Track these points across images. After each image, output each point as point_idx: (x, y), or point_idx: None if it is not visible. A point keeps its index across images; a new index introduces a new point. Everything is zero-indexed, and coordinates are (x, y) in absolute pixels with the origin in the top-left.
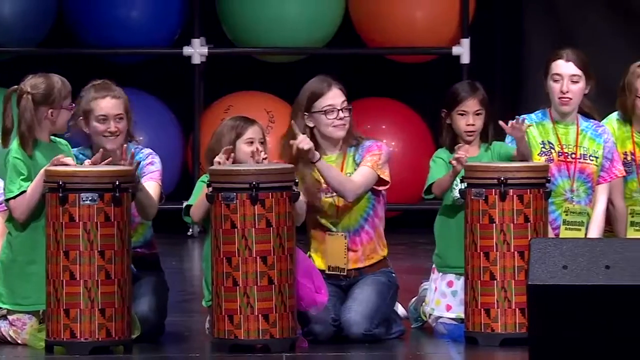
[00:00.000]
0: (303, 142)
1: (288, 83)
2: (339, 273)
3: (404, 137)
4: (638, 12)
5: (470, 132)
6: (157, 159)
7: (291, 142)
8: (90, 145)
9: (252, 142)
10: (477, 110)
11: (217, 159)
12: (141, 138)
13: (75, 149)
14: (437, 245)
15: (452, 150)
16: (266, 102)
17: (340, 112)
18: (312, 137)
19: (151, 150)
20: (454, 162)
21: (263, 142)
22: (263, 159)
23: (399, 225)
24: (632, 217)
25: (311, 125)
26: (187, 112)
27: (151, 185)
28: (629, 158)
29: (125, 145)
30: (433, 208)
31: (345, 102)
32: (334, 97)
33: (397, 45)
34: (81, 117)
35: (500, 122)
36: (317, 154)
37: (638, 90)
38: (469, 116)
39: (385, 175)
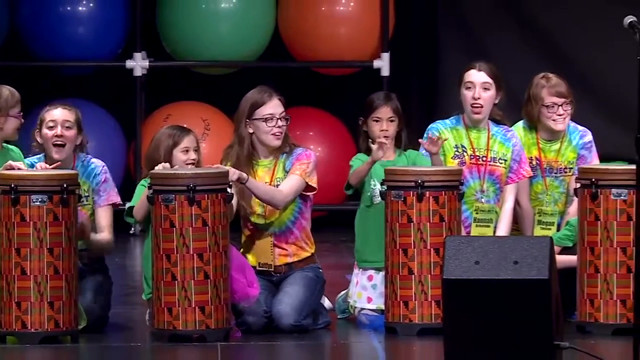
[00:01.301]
0: (231, 174)
1: (222, 94)
2: (267, 269)
3: (328, 143)
4: (546, 28)
5: (384, 137)
6: (108, 174)
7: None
8: (44, 154)
9: (187, 151)
10: (391, 117)
11: (158, 167)
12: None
13: (31, 157)
14: (357, 242)
15: (368, 154)
16: (202, 111)
17: (279, 121)
18: (251, 143)
19: (102, 163)
20: (374, 146)
21: (197, 150)
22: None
23: (324, 225)
24: (539, 216)
25: (251, 131)
26: (129, 121)
27: (104, 215)
28: (534, 163)
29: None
30: (355, 208)
31: (284, 113)
32: (274, 107)
33: (323, 58)
34: (37, 129)
35: (420, 140)
36: (245, 176)
37: (543, 100)
38: (382, 122)
39: (313, 183)
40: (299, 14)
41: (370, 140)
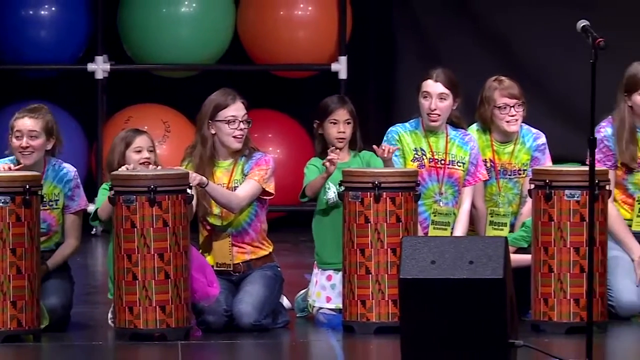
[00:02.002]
0: (192, 179)
1: (182, 96)
2: (226, 269)
3: (287, 146)
4: (500, 31)
5: (341, 139)
6: (79, 180)
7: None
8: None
9: (140, 151)
10: (347, 119)
11: (122, 169)
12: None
13: (3, 159)
14: (316, 244)
15: (323, 157)
16: (163, 113)
17: (241, 123)
18: (213, 144)
19: (74, 169)
20: (327, 163)
21: (152, 151)
22: (148, 164)
23: (283, 225)
24: (492, 217)
25: (213, 132)
26: (90, 123)
27: (74, 221)
28: (488, 165)
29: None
30: (313, 209)
31: (246, 116)
32: (237, 109)
33: (281, 62)
34: (10, 134)
35: (374, 146)
36: (205, 180)
37: (495, 101)
38: (339, 124)
39: (270, 188)
40: (258, 17)
41: (327, 145)
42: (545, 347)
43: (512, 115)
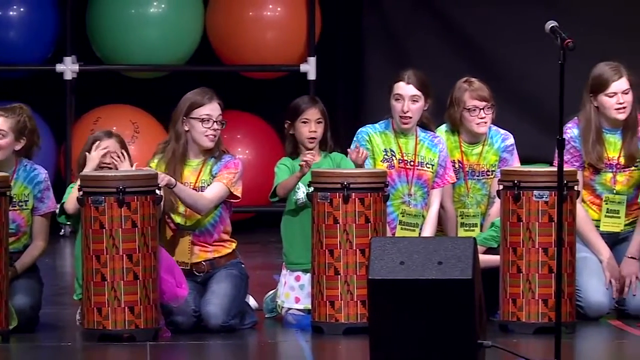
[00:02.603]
0: (160, 179)
1: (151, 97)
2: (184, 268)
3: (256, 146)
4: (468, 31)
5: (312, 138)
6: (49, 182)
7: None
8: None
9: (104, 155)
10: (318, 119)
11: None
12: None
13: None
14: (284, 244)
15: (293, 158)
16: (131, 114)
17: (215, 123)
18: (186, 141)
19: (45, 171)
20: (302, 163)
21: (119, 156)
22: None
23: (252, 226)
24: (462, 218)
25: (186, 129)
26: (59, 124)
27: (43, 223)
28: (456, 166)
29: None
30: (282, 210)
31: (221, 117)
32: (213, 109)
33: (250, 62)
34: None
35: (348, 150)
36: (174, 181)
37: (465, 103)
38: (311, 124)
39: (238, 192)
40: (227, 18)
41: (298, 146)
42: (514, 347)
43: (482, 118)
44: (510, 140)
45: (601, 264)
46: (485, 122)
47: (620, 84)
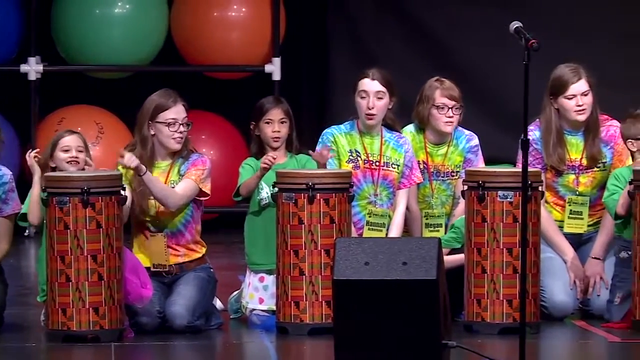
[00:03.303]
0: (129, 160)
1: (116, 97)
2: (162, 270)
3: (221, 147)
4: (433, 32)
5: (276, 138)
6: (14, 183)
7: (119, 160)
8: None
9: (68, 150)
10: (282, 119)
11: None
12: None
13: None
14: (246, 244)
15: (258, 158)
16: (96, 114)
17: (181, 126)
18: (152, 145)
19: (10, 172)
20: (265, 161)
21: (82, 151)
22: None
23: (216, 226)
24: (427, 219)
25: (152, 133)
26: (23, 124)
27: (7, 224)
28: (421, 167)
29: None
30: (247, 210)
31: (186, 118)
32: (178, 112)
33: (215, 63)
34: None
35: (310, 152)
36: (144, 168)
37: (434, 100)
38: (274, 124)
39: (207, 189)
40: (191, 18)
41: (263, 146)
42: (478, 347)
43: (449, 117)
44: (475, 141)
45: (565, 265)
46: (452, 122)
47: (579, 86)
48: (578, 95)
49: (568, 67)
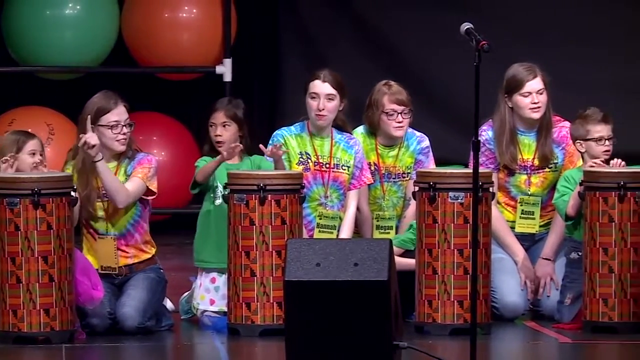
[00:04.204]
0: (91, 137)
1: (66, 99)
2: (111, 272)
3: (172, 148)
4: (384, 33)
5: (219, 142)
6: None
7: (81, 135)
8: None
9: (34, 154)
10: (224, 122)
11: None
12: None
13: None
14: (196, 241)
15: (213, 156)
16: (46, 116)
17: (124, 127)
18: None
19: None
20: (225, 151)
21: (42, 154)
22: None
23: (168, 228)
24: (378, 221)
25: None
26: None
27: None
28: (372, 168)
29: None
30: (198, 212)
31: (128, 119)
32: (120, 114)
33: (166, 64)
34: None
35: (260, 145)
36: (101, 154)
37: (384, 106)
38: (216, 127)
39: (153, 187)
40: (142, 20)
41: (210, 146)
42: (429, 348)
43: (399, 122)
44: (426, 142)
45: (516, 266)
46: (403, 127)
47: (535, 84)
48: (534, 93)
49: (523, 66)
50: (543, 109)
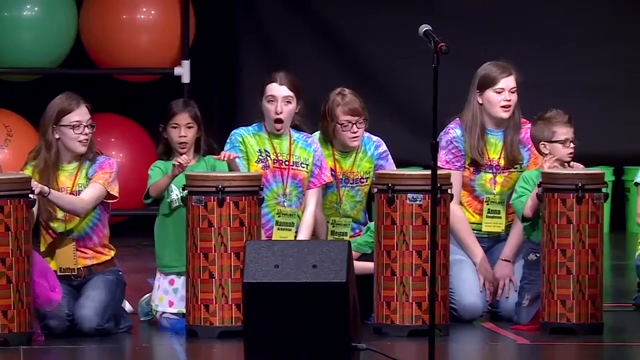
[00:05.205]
0: (34, 187)
1: (24, 100)
2: (69, 274)
3: (130, 150)
4: (342, 35)
5: (182, 143)
6: None
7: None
8: None
9: None
10: (188, 124)
11: None
12: None
13: None
14: (156, 246)
15: (166, 160)
16: (4, 117)
17: (86, 128)
18: (57, 149)
19: None
20: (175, 163)
21: None
22: None
23: (126, 229)
24: (333, 227)
25: (57, 137)
26: None
27: None
28: (329, 173)
29: None
30: (156, 214)
31: (90, 120)
32: (82, 114)
33: (124, 65)
34: None
35: (214, 157)
36: (47, 190)
37: (338, 118)
38: (180, 128)
39: (114, 192)
40: (100, 21)
41: (171, 149)
42: (388, 350)
43: (354, 132)
44: (383, 147)
45: (475, 267)
46: (358, 136)
47: (509, 81)
48: (506, 90)
49: (497, 64)
50: (512, 109)
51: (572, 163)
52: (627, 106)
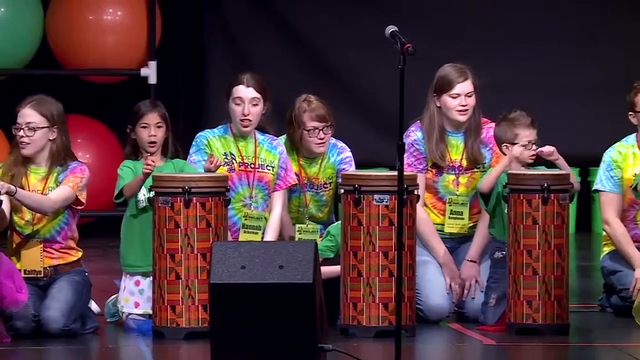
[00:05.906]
0: (1, 187)
1: None
2: (35, 276)
3: (97, 151)
4: (309, 36)
5: (152, 142)
6: None
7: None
8: None
9: None
10: (158, 123)
11: None
12: None
13: None
14: (122, 246)
15: (134, 160)
16: None
17: (25, 130)
18: None
19: None
20: (146, 166)
21: None
22: None
23: (93, 230)
24: (300, 233)
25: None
26: None
27: None
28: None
29: None
30: (123, 215)
31: (33, 123)
32: (22, 115)
33: (91, 66)
34: None
35: (205, 162)
36: (14, 189)
37: (305, 124)
38: (150, 128)
39: (82, 198)
40: (66, 22)
41: (139, 150)
42: (354, 351)
43: (321, 139)
44: (347, 152)
45: (441, 268)
46: (324, 142)
47: (465, 86)
48: (462, 95)
49: (455, 67)
50: (470, 112)
51: (544, 147)
52: (594, 107)
